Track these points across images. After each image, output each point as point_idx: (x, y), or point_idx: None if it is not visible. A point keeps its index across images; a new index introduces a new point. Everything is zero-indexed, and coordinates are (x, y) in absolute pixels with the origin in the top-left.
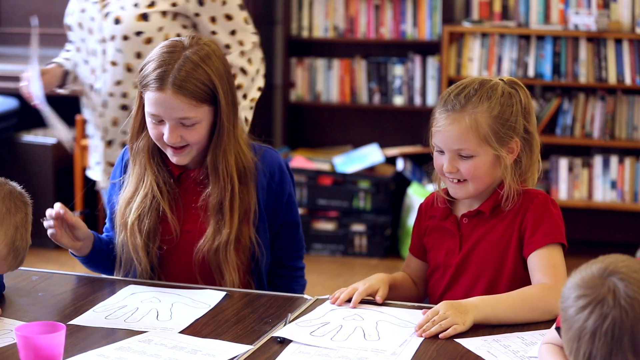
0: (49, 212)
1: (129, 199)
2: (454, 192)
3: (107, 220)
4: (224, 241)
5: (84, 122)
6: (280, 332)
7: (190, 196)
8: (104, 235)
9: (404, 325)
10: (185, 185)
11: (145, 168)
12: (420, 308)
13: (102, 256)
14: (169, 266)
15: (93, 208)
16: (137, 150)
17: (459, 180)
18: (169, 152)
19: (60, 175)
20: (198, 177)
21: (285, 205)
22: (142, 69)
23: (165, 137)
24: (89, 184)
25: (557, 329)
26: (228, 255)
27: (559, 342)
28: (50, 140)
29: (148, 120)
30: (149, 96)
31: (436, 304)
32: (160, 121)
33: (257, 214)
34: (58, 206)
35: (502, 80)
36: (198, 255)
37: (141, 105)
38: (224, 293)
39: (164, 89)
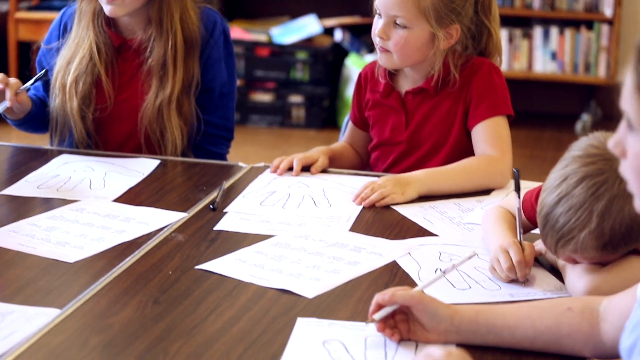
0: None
1: (68, 59)
2: (379, 59)
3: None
4: (167, 98)
5: None
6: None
7: (128, 66)
8: (31, 93)
9: (350, 192)
10: (124, 55)
11: (88, 29)
12: (363, 175)
13: (34, 119)
14: (105, 134)
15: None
16: (82, 11)
17: (386, 49)
18: (103, 2)
19: None
20: (139, 48)
21: (204, 65)
22: None
23: None
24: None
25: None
26: (171, 113)
27: (514, 210)
28: None
29: None
30: None
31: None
32: None
33: (200, 87)
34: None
35: None
36: (143, 120)
37: None
38: (158, 161)
39: None
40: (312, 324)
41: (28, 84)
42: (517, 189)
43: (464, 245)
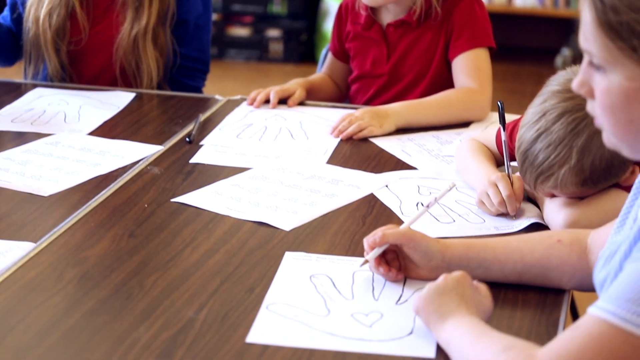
0: None
1: None
2: None
3: (6, 10)
4: (142, 30)
5: None
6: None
7: None
8: None
9: (327, 125)
10: None
11: None
12: (341, 108)
13: None
14: (80, 66)
15: None
16: None
17: None
18: None
19: None
20: None
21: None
22: None
23: None
24: None
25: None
26: (147, 45)
27: (489, 143)
28: None
29: None
30: None
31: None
32: None
33: (175, 19)
34: None
35: None
36: (118, 52)
37: None
38: (134, 94)
39: None
40: (300, 257)
41: None
42: (502, 122)
43: (443, 178)
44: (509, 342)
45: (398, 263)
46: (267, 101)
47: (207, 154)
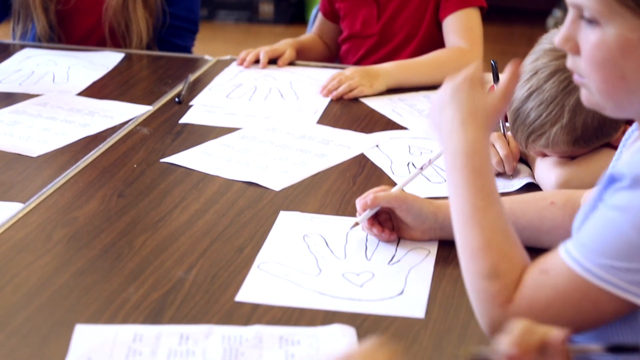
0: None
1: None
2: None
3: None
4: None
5: None
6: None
7: None
8: None
9: (318, 85)
10: None
11: None
12: (331, 68)
13: None
14: (68, 26)
15: None
16: None
17: None
18: None
19: None
20: None
21: None
22: None
23: None
24: None
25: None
26: (137, 5)
27: None
28: None
29: None
30: None
31: None
32: None
33: None
34: None
35: None
36: (107, 12)
37: None
38: (123, 55)
39: None
40: (295, 217)
41: None
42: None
43: (434, 139)
44: (501, 268)
45: (391, 224)
46: (257, 61)
47: (196, 114)
